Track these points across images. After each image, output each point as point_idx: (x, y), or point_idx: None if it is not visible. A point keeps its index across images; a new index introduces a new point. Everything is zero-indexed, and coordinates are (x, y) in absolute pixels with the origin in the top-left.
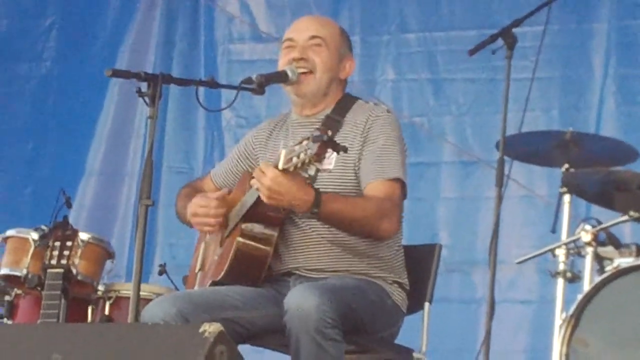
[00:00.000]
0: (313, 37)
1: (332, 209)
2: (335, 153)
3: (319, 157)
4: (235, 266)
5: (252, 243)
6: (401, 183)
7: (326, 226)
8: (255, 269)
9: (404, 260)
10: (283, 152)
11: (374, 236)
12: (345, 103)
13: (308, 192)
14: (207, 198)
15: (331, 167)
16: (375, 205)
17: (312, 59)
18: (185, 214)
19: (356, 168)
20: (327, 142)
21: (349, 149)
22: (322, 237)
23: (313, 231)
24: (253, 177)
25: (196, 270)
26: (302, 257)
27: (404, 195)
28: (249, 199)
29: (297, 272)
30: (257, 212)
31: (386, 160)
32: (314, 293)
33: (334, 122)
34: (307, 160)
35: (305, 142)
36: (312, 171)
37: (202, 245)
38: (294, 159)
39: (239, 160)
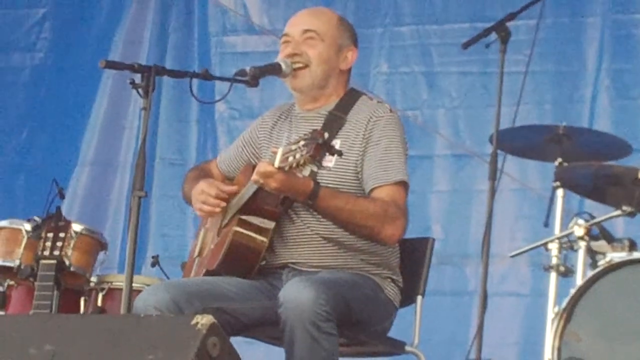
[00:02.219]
0: (306, 30)
1: (330, 205)
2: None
3: (314, 159)
4: (230, 256)
5: (249, 234)
6: (404, 184)
7: (321, 222)
8: (249, 260)
9: (399, 256)
10: (280, 151)
11: (376, 239)
12: (349, 99)
13: (306, 183)
14: (213, 184)
15: (331, 164)
16: (380, 208)
17: (305, 53)
18: (191, 196)
19: (357, 168)
20: (322, 145)
21: (350, 147)
22: (317, 234)
23: (308, 227)
24: (254, 171)
25: (194, 256)
26: (296, 252)
27: (407, 193)
28: (247, 192)
29: (291, 265)
30: (254, 204)
31: (390, 163)
32: (309, 286)
33: (336, 119)
34: (302, 162)
35: (302, 143)
36: (306, 172)
37: (202, 231)
38: (290, 159)
39: (243, 147)
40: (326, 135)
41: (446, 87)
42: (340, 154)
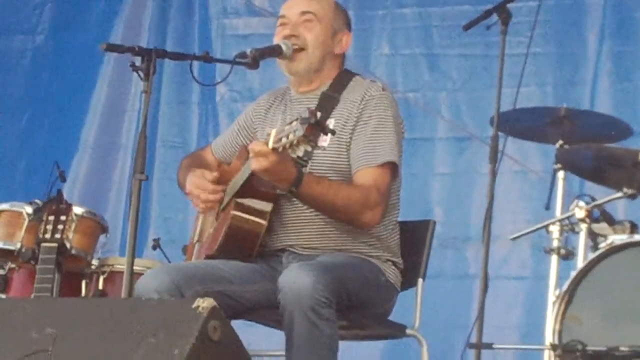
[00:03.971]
0: (304, 12)
1: (312, 192)
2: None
3: (307, 138)
4: (228, 239)
5: (246, 216)
6: (392, 165)
7: None
8: (248, 243)
9: (399, 237)
10: (273, 132)
11: (355, 225)
12: (343, 79)
13: (290, 171)
14: (202, 179)
15: (325, 144)
16: (361, 195)
17: (303, 35)
18: (185, 184)
19: (349, 147)
20: (314, 125)
21: (344, 126)
22: (317, 216)
23: (308, 209)
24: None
25: (194, 241)
26: (296, 235)
27: (396, 174)
28: (243, 174)
29: (290, 249)
30: (250, 187)
31: (377, 144)
32: (309, 272)
33: (330, 99)
34: (295, 142)
35: (294, 123)
36: (300, 152)
37: (201, 216)
38: (283, 139)
39: (238, 132)
40: (319, 114)
41: (447, 69)
42: (333, 132)
